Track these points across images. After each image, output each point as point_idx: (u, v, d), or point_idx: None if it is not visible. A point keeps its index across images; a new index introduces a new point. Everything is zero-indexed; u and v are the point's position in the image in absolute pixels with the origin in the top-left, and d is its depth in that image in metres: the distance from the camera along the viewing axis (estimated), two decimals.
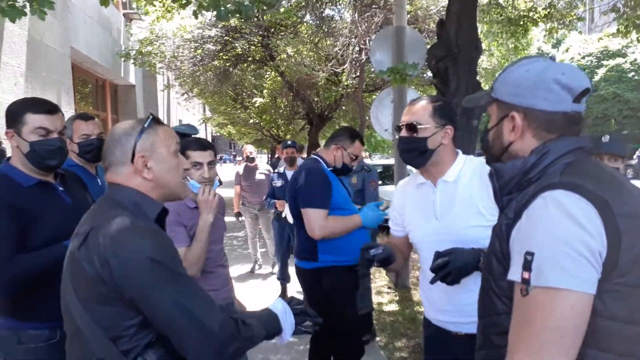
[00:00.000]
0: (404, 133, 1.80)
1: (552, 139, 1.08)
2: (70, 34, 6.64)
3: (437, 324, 1.84)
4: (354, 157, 2.75)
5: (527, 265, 0.95)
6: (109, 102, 10.56)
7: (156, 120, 1.36)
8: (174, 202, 2.22)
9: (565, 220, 0.93)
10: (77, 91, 8.72)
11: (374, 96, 8.53)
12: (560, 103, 1.07)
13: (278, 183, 5.23)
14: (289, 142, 5.60)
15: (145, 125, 1.33)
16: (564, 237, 0.92)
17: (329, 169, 2.69)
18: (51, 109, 1.87)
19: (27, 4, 2.91)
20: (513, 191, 1.09)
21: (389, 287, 5.49)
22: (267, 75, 11.05)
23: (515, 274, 0.98)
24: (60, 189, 1.92)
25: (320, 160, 2.73)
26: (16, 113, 1.83)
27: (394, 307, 4.88)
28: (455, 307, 1.75)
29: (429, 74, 4.04)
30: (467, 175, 1.77)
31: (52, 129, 1.85)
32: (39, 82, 5.40)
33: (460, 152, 1.86)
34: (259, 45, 8.98)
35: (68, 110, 6.29)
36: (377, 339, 4.09)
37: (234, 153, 41.17)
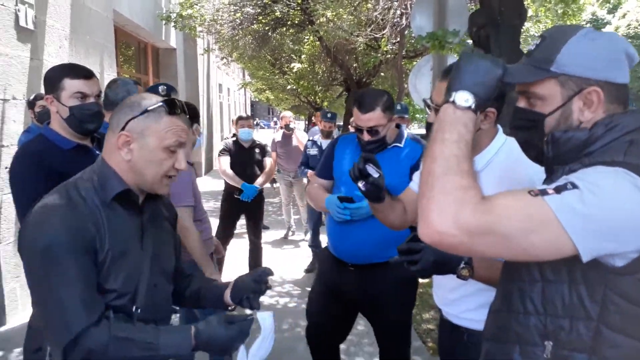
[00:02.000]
0: (431, 118, 1.55)
1: (618, 113, 1.02)
2: None
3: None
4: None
5: (560, 188, 0.90)
6: (151, 66, 10.72)
7: (170, 108, 1.26)
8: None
9: (635, 190, 0.89)
10: (120, 54, 8.89)
11: (414, 63, 8.32)
12: (626, 75, 1.03)
13: (312, 151, 5.24)
14: (329, 115, 5.55)
15: (149, 109, 1.25)
16: (625, 199, 0.88)
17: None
18: (87, 74, 1.93)
19: None
20: (568, 162, 1.03)
21: None
22: (305, 40, 10.91)
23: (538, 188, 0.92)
24: (97, 152, 1.97)
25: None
26: (54, 79, 1.89)
27: (420, 279, 4.89)
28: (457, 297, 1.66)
29: (471, 42, 3.89)
30: (499, 163, 1.54)
31: (89, 93, 1.91)
32: (82, 45, 5.52)
33: (500, 135, 1.60)
34: (298, 8, 8.84)
35: (111, 73, 6.43)
36: None
37: (275, 119, 41.28)
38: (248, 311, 1.45)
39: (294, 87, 13.31)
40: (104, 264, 1.22)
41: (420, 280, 4.65)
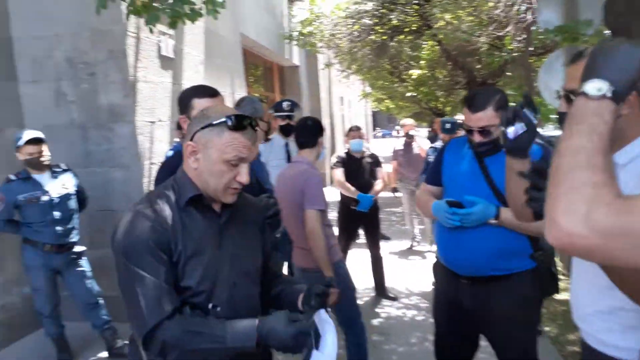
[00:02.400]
0: (562, 107, 1.36)
1: None
2: (240, 23, 7.24)
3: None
4: None
5: None
6: (277, 83, 11.33)
7: (238, 124, 1.31)
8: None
9: None
10: (249, 75, 9.53)
11: (543, 59, 7.74)
12: None
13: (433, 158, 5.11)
14: (448, 127, 5.29)
15: (213, 123, 1.32)
16: None
17: None
18: (212, 92, 2.08)
19: (204, 6, 3.29)
20: None
21: (563, 274, 5.05)
22: (424, 46, 10.72)
23: None
24: None
25: None
26: (185, 100, 2.07)
27: (566, 295, 4.47)
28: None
29: (609, 32, 3.50)
30: None
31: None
32: (215, 69, 6.02)
33: None
34: (415, 14, 8.75)
35: (241, 93, 6.92)
36: (546, 329, 3.78)
37: (397, 128, 41.08)
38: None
39: (414, 94, 13.12)
40: (178, 263, 1.32)
41: (563, 297, 4.30)
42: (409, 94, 13.38)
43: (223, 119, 1.32)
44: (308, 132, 2.86)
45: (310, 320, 1.33)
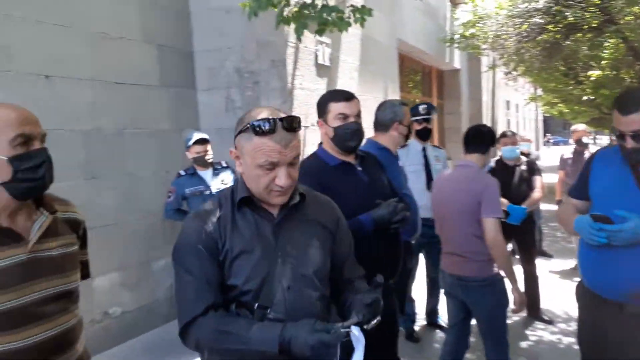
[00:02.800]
0: None
1: None
2: (397, 28, 7.26)
3: None
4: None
5: None
6: (435, 88, 11.11)
7: (262, 130, 1.28)
8: None
9: None
10: (407, 80, 9.51)
11: None
12: None
13: None
14: None
15: (242, 129, 1.32)
16: None
17: None
18: (348, 96, 2.13)
19: (351, 15, 3.40)
20: None
21: None
22: (606, 44, 9.53)
23: None
24: (359, 169, 2.15)
25: None
26: (322, 104, 2.16)
27: None
28: None
29: None
30: None
31: (349, 113, 2.10)
32: (369, 75, 6.14)
33: None
34: (596, 10, 7.82)
35: (394, 97, 6.95)
36: None
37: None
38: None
39: (592, 98, 11.75)
40: (224, 262, 1.34)
41: None
42: (586, 98, 12.02)
43: (249, 124, 1.31)
44: (481, 138, 2.76)
45: (337, 333, 1.21)
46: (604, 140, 19.55)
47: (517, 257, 4.61)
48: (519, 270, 4.46)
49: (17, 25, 3.34)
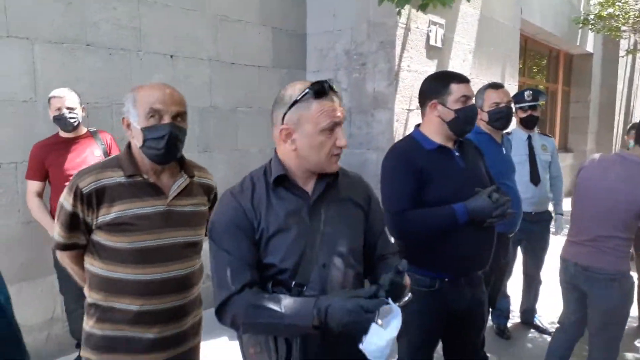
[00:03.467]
0: None
1: None
2: (522, 7, 6.78)
3: None
4: None
5: None
6: (561, 73, 10.24)
7: (320, 92, 1.31)
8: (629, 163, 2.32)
9: None
10: (529, 64, 8.88)
11: None
12: None
13: None
14: None
15: (298, 99, 1.32)
16: None
17: None
18: (467, 79, 2.05)
19: None
20: None
21: None
22: None
23: None
24: (457, 154, 2.07)
25: None
26: (440, 84, 2.03)
27: None
28: None
29: None
30: None
31: (470, 96, 2.02)
32: (485, 57, 5.83)
33: None
34: None
35: (512, 82, 6.53)
36: None
37: None
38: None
39: None
40: (260, 240, 1.34)
41: None
42: None
43: (306, 91, 1.32)
44: None
45: (373, 301, 1.18)
46: None
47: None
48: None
49: (148, 9, 3.68)
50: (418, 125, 2.16)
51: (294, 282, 1.33)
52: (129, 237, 1.57)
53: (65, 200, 1.59)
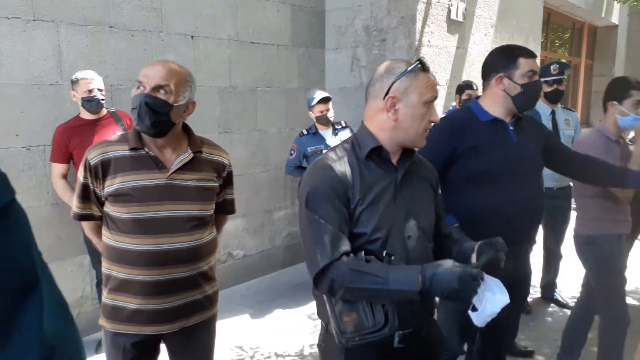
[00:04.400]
0: None
1: None
2: None
3: None
4: None
5: None
6: (585, 47, 9.97)
7: (423, 67, 1.41)
8: (594, 134, 2.41)
9: None
10: (552, 37, 8.67)
11: None
12: None
13: None
14: None
15: (409, 69, 1.40)
16: None
17: None
18: (534, 54, 2.04)
19: None
20: None
21: None
22: None
23: None
24: (511, 128, 2.07)
25: None
26: (508, 58, 2.02)
27: None
28: None
29: None
30: None
31: (537, 70, 2.02)
32: (507, 31, 5.71)
33: None
34: None
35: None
36: None
37: None
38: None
39: None
40: (355, 210, 1.39)
41: None
42: None
43: (416, 63, 1.41)
44: None
45: (478, 270, 1.25)
46: None
47: None
48: None
49: None
50: (477, 97, 2.19)
51: (385, 252, 1.38)
52: (127, 208, 1.63)
53: (80, 172, 1.70)
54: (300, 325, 3.60)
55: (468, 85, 4.07)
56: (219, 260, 4.19)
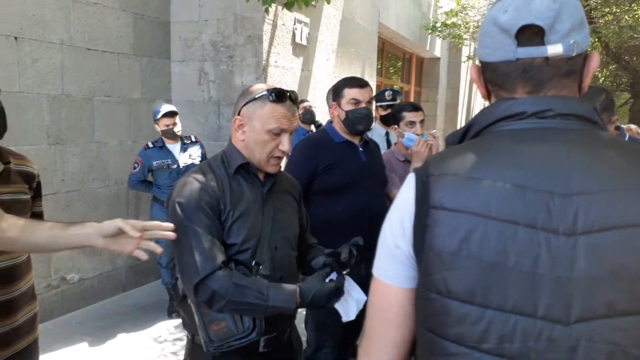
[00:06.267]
0: None
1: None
2: (380, 12, 7.27)
3: None
4: None
5: None
6: (414, 75, 11.17)
7: (277, 97, 1.45)
8: (387, 153, 2.58)
9: None
10: (385, 65, 9.54)
11: None
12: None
13: None
14: None
15: (256, 96, 1.46)
16: None
17: None
18: (362, 84, 2.30)
19: None
20: None
21: None
22: None
23: None
24: (360, 149, 2.36)
25: None
26: (338, 89, 2.32)
27: None
28: None
29: None
30: None
31: (361, 99, 2.26)
32: (347, 57, 6.16)
33: None
34: None
35: (371, 81, 6.99)
36: None
37: None
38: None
39: None
40: (226, 221, 1.46)
41: None
42: None
43: (264, 92, 1.45)
44: None
45: (341, 280, 1.46)
46: None
47: None
48: None
49: None
50: (331, 121, 2.42)
51: (254, 261, 1.47)
52: None
53: None
54: (146, 349, 3.40)
55: (301, 101, 4.49)
56: (49, 285, 3.78)
